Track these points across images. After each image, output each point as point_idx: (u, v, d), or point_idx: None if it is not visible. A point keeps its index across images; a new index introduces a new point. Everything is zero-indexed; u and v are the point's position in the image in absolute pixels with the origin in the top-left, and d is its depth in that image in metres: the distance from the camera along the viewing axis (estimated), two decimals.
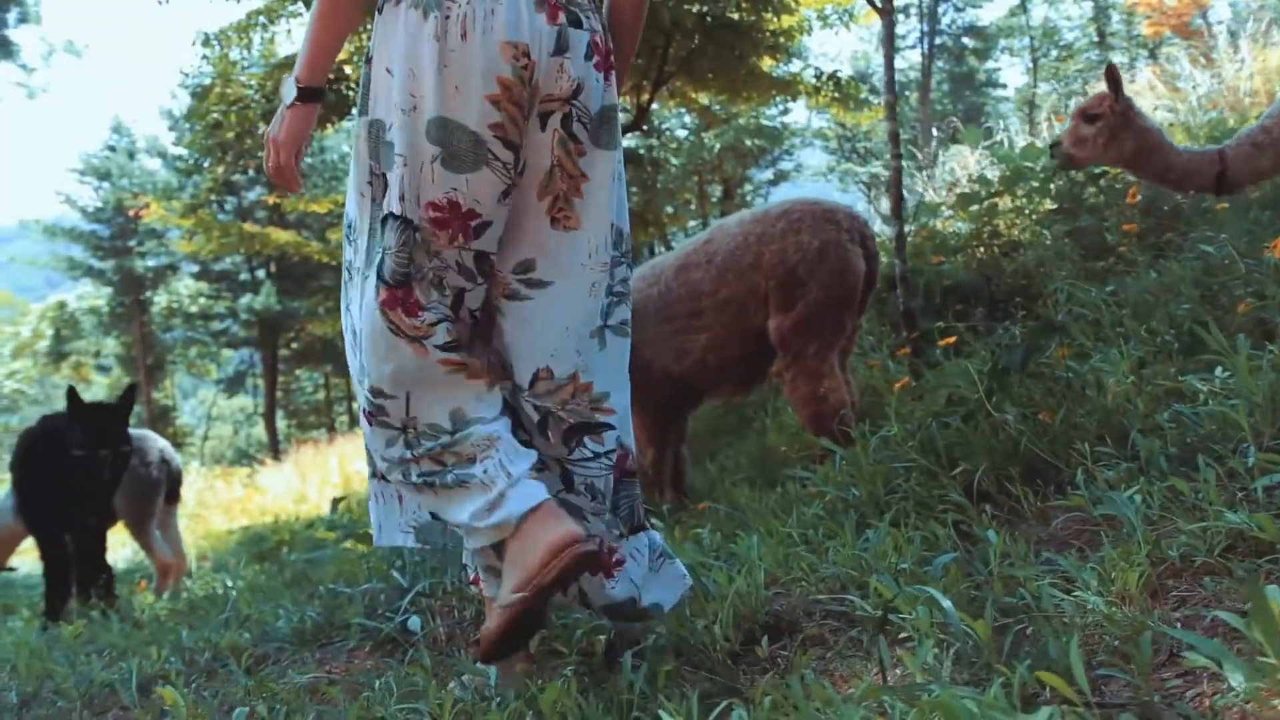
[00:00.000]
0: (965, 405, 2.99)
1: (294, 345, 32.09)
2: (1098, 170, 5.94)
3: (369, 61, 1.77)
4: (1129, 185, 5.78)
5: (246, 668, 2.26)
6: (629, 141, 12.10)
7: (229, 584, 5.25)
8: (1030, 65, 32.37)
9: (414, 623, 2.28)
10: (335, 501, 11.66)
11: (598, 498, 1.79)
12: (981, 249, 6.87)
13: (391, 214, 1.68)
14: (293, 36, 11.76)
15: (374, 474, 1.85)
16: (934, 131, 35.61)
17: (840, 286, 3.80)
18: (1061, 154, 3.81)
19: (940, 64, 32.53)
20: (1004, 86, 33.85)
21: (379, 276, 1.68)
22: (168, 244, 32.01)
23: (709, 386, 4.27)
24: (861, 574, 1.97)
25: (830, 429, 3.66)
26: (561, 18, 1.69)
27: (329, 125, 11.47)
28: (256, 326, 31.03)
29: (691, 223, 22.73)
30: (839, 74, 11.65)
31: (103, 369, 34.83)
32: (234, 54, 11.78)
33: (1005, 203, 7.09)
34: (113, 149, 32.48)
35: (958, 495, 2.57)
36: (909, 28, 32.00)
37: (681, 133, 24.91)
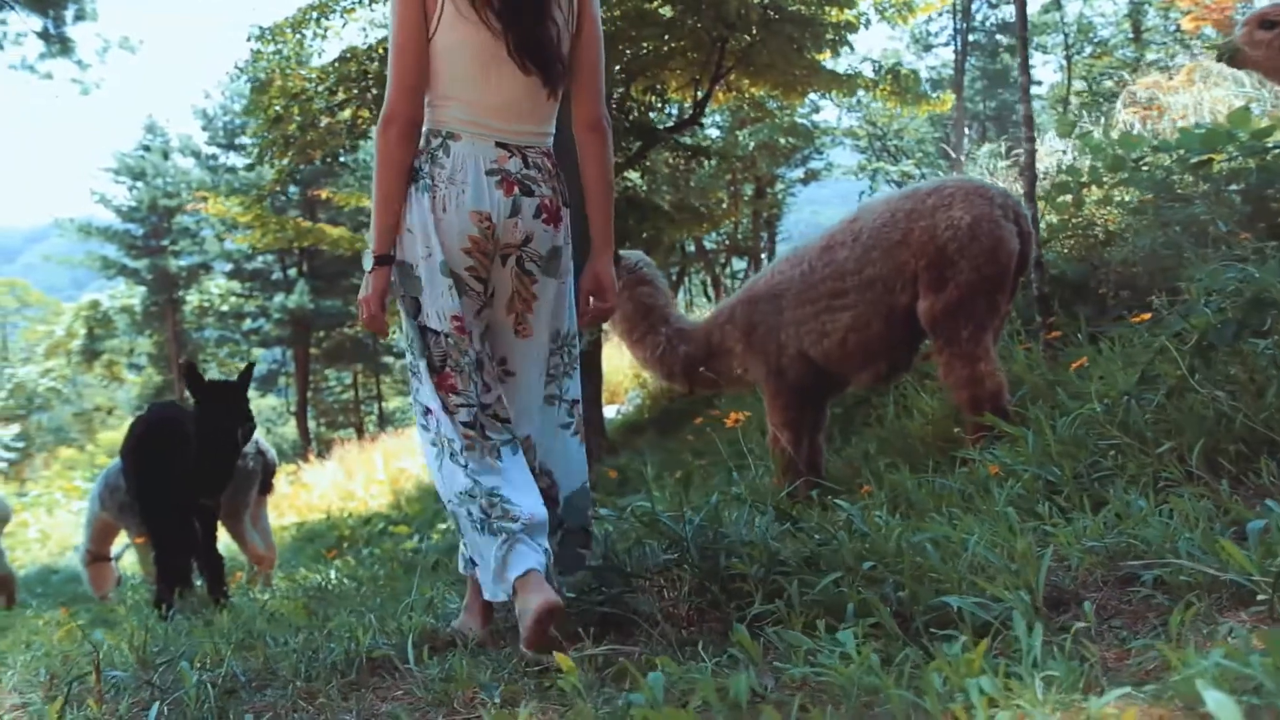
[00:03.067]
0: (1156, 384, 2.93)
1: (325, 344, 32.17)
2: (1196, 158, 5.86)
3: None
4: (1230, 173, 5.71)
5: (471, 649, 2.21)
6: (713, 132, 12.02)
7: (338, 575, 5.23)
8: (1064, 63, 32.17)
9: (647, 603, 2.23)
10: None
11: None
12: (1072, 239, 6.79)
13: (427, 327, 2.43)
14: (344, 31, 11.82)
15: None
16: (966, 130, 35.54)
17: (993, 265, 3.69)
18: (1230, 48, 3.76)
19: (973, 61, 32.36)
20: (1039, 84, 33.61)
21: (427, 367, 2.44)
22: (201, 242, 32.20)
23: (849, 370, 4.12)
24: (1143, 544, 1.92)
25: (988, 411, 3.59)
26: (515, 190, 2.41)
27: (371, 127, 11.47)
28: (289, 325, 31.12)
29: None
30: (899, 67, 11.58)
31: (135, 367, 35.04)
32: (288, 49, 11.83)
33: (1092, 193, 7.01)
34: (147, 148, 32.65)
35: (1172, 471, 2.51)
36: (941, 25, 31.91)
37: (714, 132, 24.84)
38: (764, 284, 4.36)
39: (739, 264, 32.24)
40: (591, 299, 2.68)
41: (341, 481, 16.73)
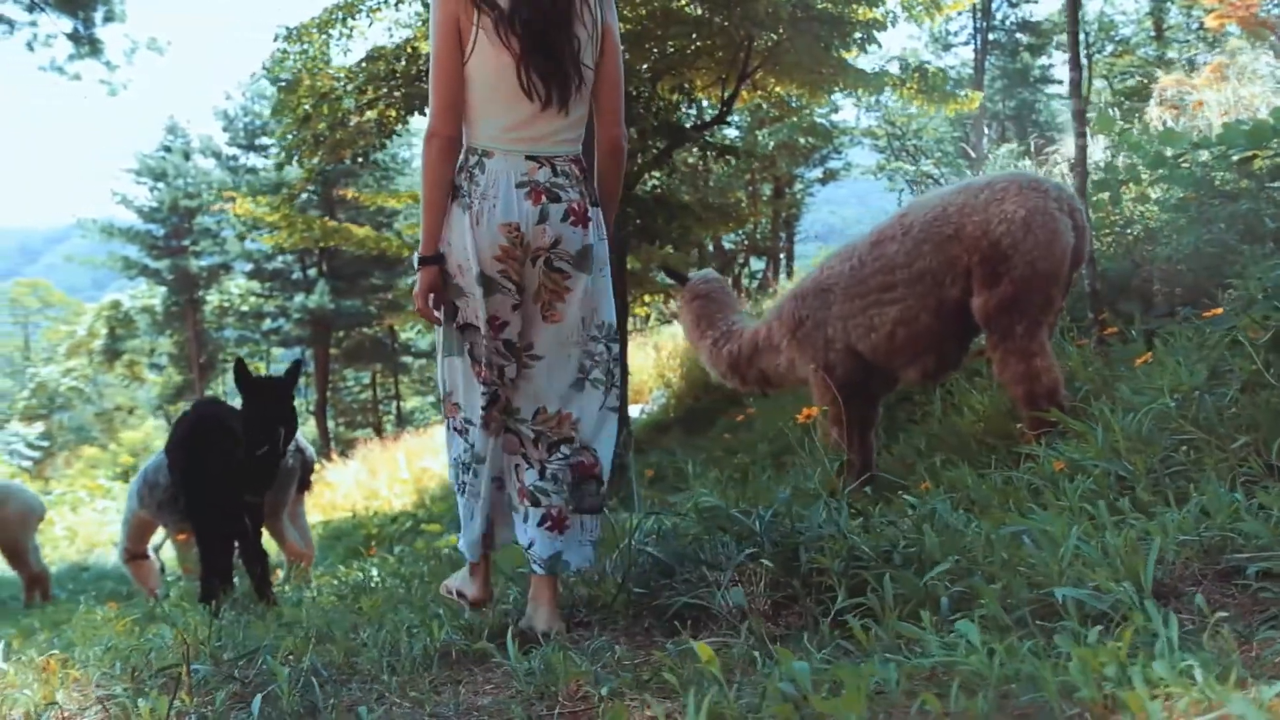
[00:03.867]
0: (1227, 379, 2.91)
1: (345, 344, 32.28)
2: (1239, 155, 5.82)
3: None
4: (1274, 169, 5.66)
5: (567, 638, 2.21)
6: (730, 131, 12.00)
7: (381, 572, 5.23)
8: (1084, 61, 32.01)
9: (737, 595, 2.22)
10: None
11: (558, 483, 2.73)
12: (1110, 237, 6.75)
13: (468, 324, 2.72)
14: (370, 31, 11.84)
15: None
16: (985, 129, 35.42)
17: (1048, 259, 3.65)
18: None
19: (992, 60, 32.22)
20: (1059, 83, 33.43)
21: (466, 355, 2.76)
22: (222, 243, 32.35)
23: (897, 364, 4.10)
24: (1241, 538, 1.90)
25: (1045, 406, 3.57)
26: (543, 199, 2.62)
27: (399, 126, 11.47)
28: (309, 325, 31.22)
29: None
30: (926, 65, 11.52)
31: (156, 367, 35.23)
32: (314, 48, 11.87)
33: (1129, 190, 6.96)
34: (168, 149, 32.82)
35: (1252, 466, 2.50)
36: (961, 24, 31.77)
37: (732, 133, 24.82)
38: (812, 280, 4.37)
39: (757, 264, 32.24)
40: None
41: (365, 480, 16.78)
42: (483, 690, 1.94)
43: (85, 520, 17.68)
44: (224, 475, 4.77)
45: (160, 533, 7.04)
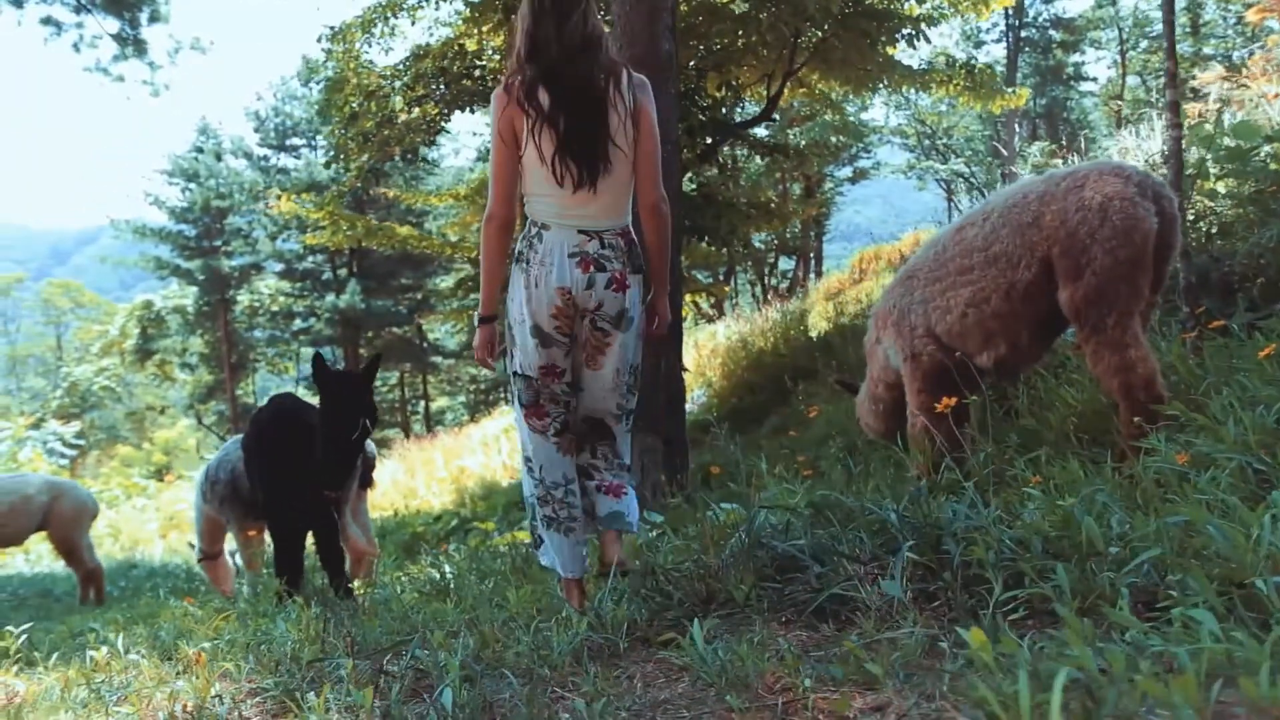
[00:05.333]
0: None
1: (375, 343, 32.39)
2: None
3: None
4: None
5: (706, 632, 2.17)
6: (760, 131, 11.94)
7: (454, 569, 5.20)
8: (1118, 58, 31.74)
9: (893, 587, 2.16)
10: None
11: (610, 461, 3.28)
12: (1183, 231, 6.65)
13: (518, 373, 3.16)
14: (410, 31, 11.90)
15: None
16: (1016, 128, 35.15)
17: (1127, 246, 3.52)
18: None
19: (1025, 57, 31.99)
20: (1093, 80, 33.18)
21: (520, 403, 3.21)
22: (254, 243, 32.53)
23: (969, 348, 4.05)
24: None
25: (1143, 398, 3.49)
26: (591, 269, 3.02)
27: (445, 122, 11.49)
28: (339, 324, 31.37)
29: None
30: (973, 61, 11.41)
31: (187, 367, 35.45)
32: (358, 47, 11.90)
33: (1201, 186, 6.86)
34: (200, 150, 33.03)
35: None
36: (992, 20, 31.55)
37: (762, 132, 24.69)
38: (902, 271, 4.36)
39: (786, 263, 32.14)
40: (653, 324, 3.36)
41: (402, 480, 16.79)
42: (655, 683, 1.89)
43: (126, 517, 17.78)
44: (302, 471, 4.74)
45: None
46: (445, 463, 16.88)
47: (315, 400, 4.93)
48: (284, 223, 30.87)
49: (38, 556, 14.12)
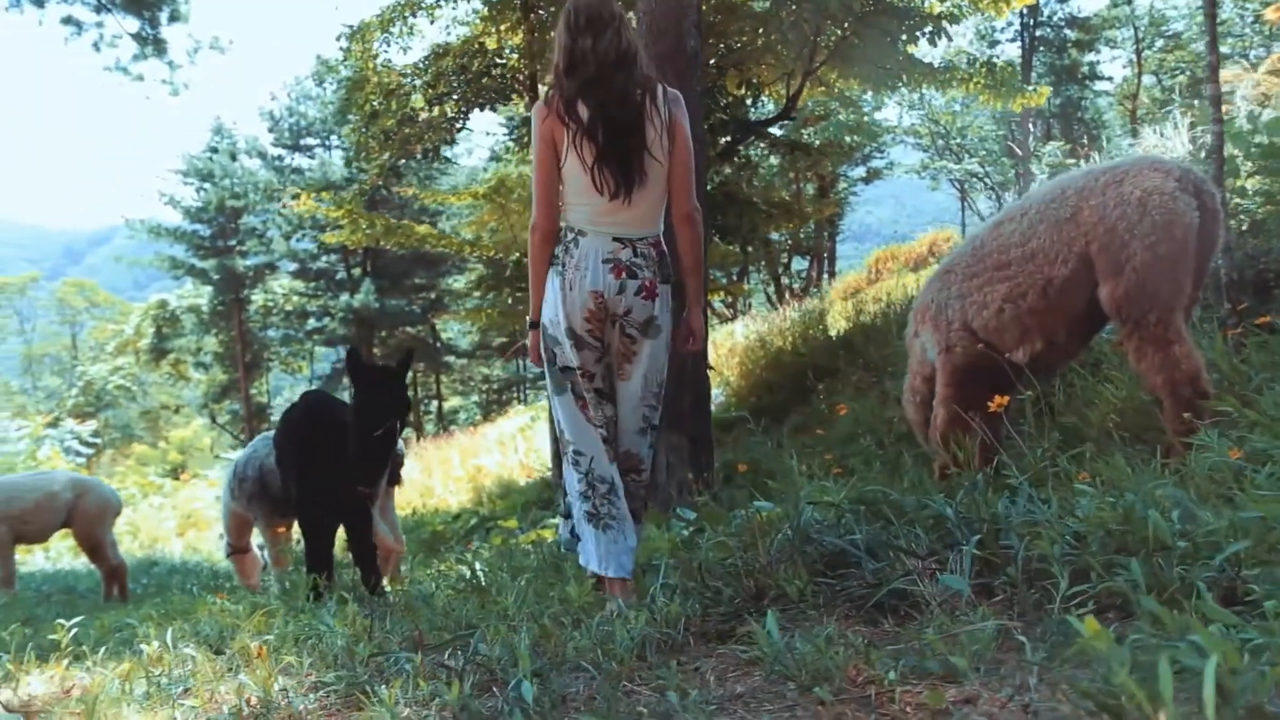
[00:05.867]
0: None
1: (389, 343, 32.45)
2: None
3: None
4: None
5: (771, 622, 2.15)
6: (775, 130, 11.92)
7: (485, 566, 5.18)
8: (1133, 57, 31.60)
9: (958, 581, 2.14)
10: None
11: (635, 496, 3.36)
12: None
13: (566, 366, 3.26)
14: (428, 29, 11.93)
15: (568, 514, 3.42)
16: (1031, 127, 35.02)
17: (1168, 242, 3.48)
18: None
19: (1040, 56, 31.87)
20: (1109, 80, 33.02)
21: (561, 392, 3.29)
22: (268, 243, 32.62)
23: (1005, 344, 4.03)
24: None
25: (1188, 393, 3.46)
26: (623, 275, 3.16)
27: (466, 119, 11.51)
28: (353, 324, 31.43)
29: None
30: (994, 60, 11.34)
31: (201, 366, 35.57)
32: (376, 46, 11.92)
33: (1232, 183, 6.82)
34: (215, 150, 33.13)
35: None
36: (1007, 19, 31.44)
37: (776, 131, 24.59)
38: (942, 265, 4.36)
39: (799, 263, 32.09)
40: (687, 342, 3.47)
41: (419, 478, 16.80)
42: (728, 677, 1.88)
43: (143, 516, 17.83)
44: (335, 466, 4.73)
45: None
46: (462, 461, 16.90)
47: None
48: (298, 222, 30.96)
49: (58, 554, 14.17)
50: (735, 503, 6.33)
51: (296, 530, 7.16)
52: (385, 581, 5.74)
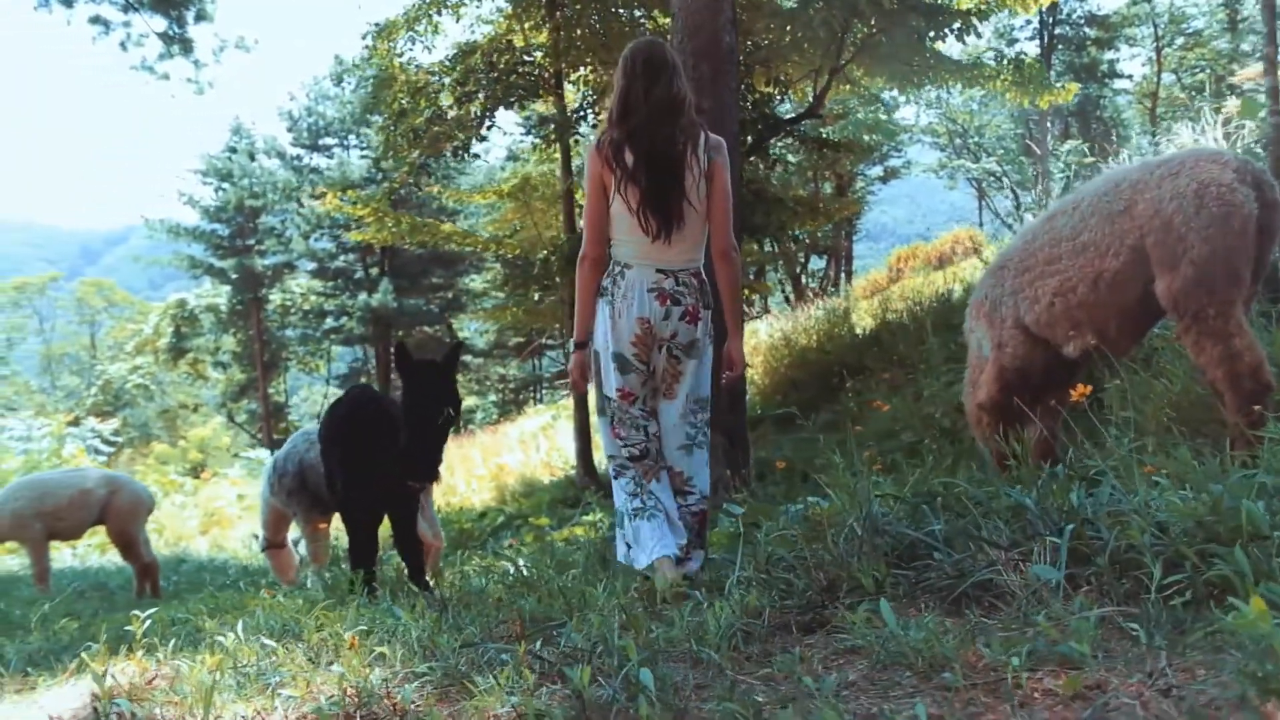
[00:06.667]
0: None
1: (407, 342, 32.48)
2: None
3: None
4: None
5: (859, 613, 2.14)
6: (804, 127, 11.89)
7: (528, 562, 5.19)
8: (1153, 55, 31.42)
9: (1049, 571, 2.12)
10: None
11: (687, 527, 3.51)
12: None
13: (607, 396, 3.54)
14: (452, 28, 11.95)
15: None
16: (1049, 126, 34.84)
17: (1226, 234, 3.45)
18: None
19: (1059, 54, 31.72)
20: (1128, 78, 32.84)
21: (606, 418, 3.58)
22: (287, 242, 32.72)
23: (1057, 336, 4.02)
24: None
25: (1251, 386, 3.44)
26: (668, 303, 3.45)
27: (491, 117, 11.52)
28: (370, 323, 31.50)
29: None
30: (1023, 56, 11.28)
31: (220, 365, 35.70)
32: (401, 44, 11.95)
33: None
34: (234, 150, 33.25)
35: None
36: (1025, 17, 31.30)
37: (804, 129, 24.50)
38: (996, 259, 4.35)
39: (816, 263, 32.01)
40: (728, 369, 3.73)
41: (442, 476, 16.80)
42: (833, 664, 1.87)
43: (166, 514, 17.89)
44: (382, 461, 4.72)
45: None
46: (484, 460, 16.91)
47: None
48: (316, 221, 31.04)
49: (85, 552, 14.25)
50: (774, 499, 6.33)
51: (334, 526, 7.20)
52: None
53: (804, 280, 28.99)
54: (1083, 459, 2.89)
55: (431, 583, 5.24)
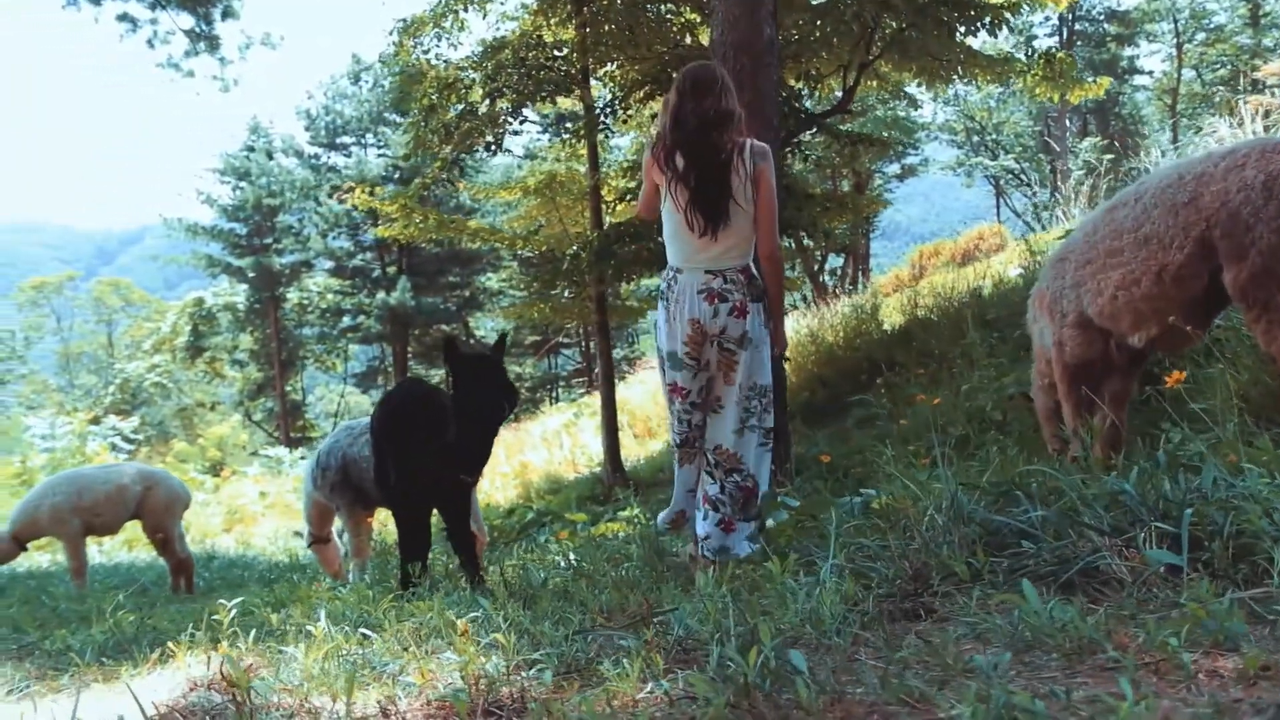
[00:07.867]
0: None
1: (425, 340, 32.54)
2: None
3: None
4: None
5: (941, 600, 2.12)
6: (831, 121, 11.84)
7: (579, 557, 5.16)
8: (1173, 51, 31.28)
9: (1165, 556, 2.10)
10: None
11: (732, 499, 3.84)
12: None
13: (665, 386, 3.93)
14: (477, 24, 11.93)
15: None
16: (1067, 123, 34.65)
17: None
18: None
19: (1079, 50, 31.59)
20: (1149, 74, 32.68)
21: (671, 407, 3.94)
22: (305, 240, 32.80)
23: (1121, 329, 4.00)
24: None
25: None
26: (716, 301, 3.73)
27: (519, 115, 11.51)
28: (388, 322, 31.55)
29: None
30: (1053, 51, 11.19)
31: (237, 364, 35.81)
32: (428, 40, 11.94)
33: None
34: (251, 149, 33.35)
35: None
36: (1045, 14, 31.18)
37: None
38: (1057, 251, 4.33)
39: (834, 260, 31.94)
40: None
41: None
42: (964, 650, 1.84)
43: (191, 512, 17.88)
44: (435, 453, 4.70)
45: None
46: (507, 457, 16.89)
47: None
48: (334, 220, 31.11)
49: (111, 549, 14.29)
50: (819, 492, 6.30)
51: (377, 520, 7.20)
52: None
53: (822, 279, 28.97)
54: (1170, 447, 2.85)
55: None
